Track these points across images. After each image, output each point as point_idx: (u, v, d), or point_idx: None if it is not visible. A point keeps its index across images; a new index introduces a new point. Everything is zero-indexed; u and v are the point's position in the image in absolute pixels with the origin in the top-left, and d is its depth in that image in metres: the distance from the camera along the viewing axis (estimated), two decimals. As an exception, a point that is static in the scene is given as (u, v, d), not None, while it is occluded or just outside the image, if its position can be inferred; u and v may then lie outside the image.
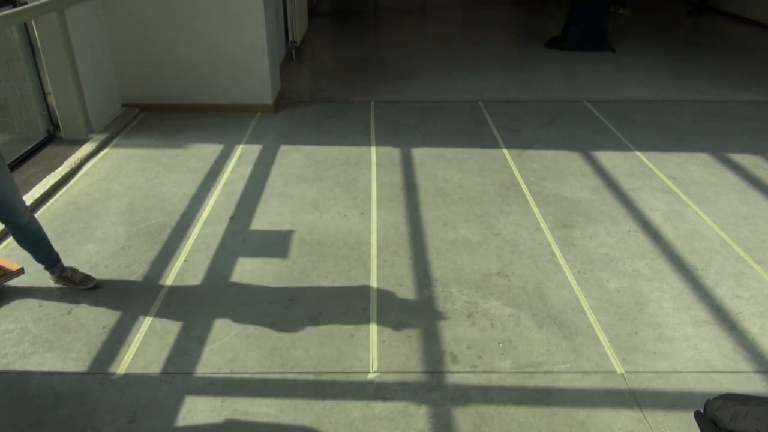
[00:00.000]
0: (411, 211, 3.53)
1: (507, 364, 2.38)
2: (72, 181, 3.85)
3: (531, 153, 4.35)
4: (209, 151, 4.33)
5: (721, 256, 3.11)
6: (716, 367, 2.38)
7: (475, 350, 2.45)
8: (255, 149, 4.38)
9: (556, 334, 2.54)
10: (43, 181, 3.77)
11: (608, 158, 4.27)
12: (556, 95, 5.66)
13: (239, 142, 4.49)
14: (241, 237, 3.25)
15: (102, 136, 4.46)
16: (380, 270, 2.97)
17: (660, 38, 8.13)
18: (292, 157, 4.24)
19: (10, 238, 3.19)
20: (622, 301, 2.76)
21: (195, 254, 3.09)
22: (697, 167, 4.14)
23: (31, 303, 2.70)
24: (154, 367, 2.35)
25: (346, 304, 2.72)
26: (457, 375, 2.33)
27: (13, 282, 2.81)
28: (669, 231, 3.34)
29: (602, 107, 5.31)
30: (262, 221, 3.41)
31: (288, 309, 2.69)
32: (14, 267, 2.92)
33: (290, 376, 2.31)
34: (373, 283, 2.87)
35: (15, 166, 4.02)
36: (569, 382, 2.30)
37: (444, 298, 2.77)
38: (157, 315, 2.64)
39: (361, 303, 2.73)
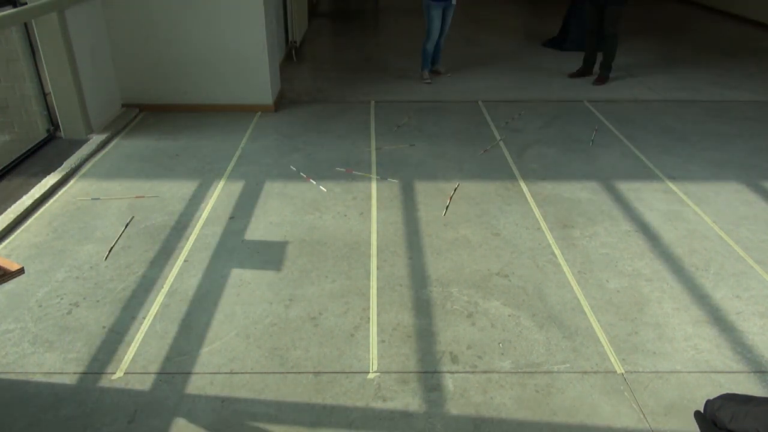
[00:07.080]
0: (411, 211, 3.53)
1: (507, 364, 2.38)
2: (72, 181, 3.85)
3: (531, 153, 4.35)
4: (209, 151, 4.34)
5: (721, 256, 3.11)
6: (716, 367, 2.38)
7: (475, 350, 2.45)
8: (255, 149, 4.38)
9: (556, 334, 2.54)
10: (43, 181, 3.77)
11: (608, 158, 4.28)
12: (556, 95, 5.66)
13: (239, 142, 4.49)
14: (241, 237, 3.25)
15: (102, 136, 4.46)
16: (380, 270, 2.97)
17: (660, 38, 8.13)
18: (292, 157, 4.24)
19: (10, 238, 3.20)
20: (622, 301, 2.76)
21: (195, 254, 3.09)
22: (697, 167, 4.14)
23: (31, 303, 2.70)
24: (154, 367, 2.35)
25: (346, 304, 2.72)
26: (457, 375, 2.33)
27: (14, 282, 2.81)
28: (669, 231, 3.34)
29: (602, 107, 5.31)
30: (262, 221, 3.41)
31: (288, 309, 2.69)
32: (14, 267, 2.91)
33: (290, 376, 2.31)
34: (373, 283, 2.87)
35: (15, 166, 4.02)
36: (569, 382, 2.30)
37: (444, 298, 2.77)
38: (157, 315, 2.64)
39: (361, 303, 2.73)
